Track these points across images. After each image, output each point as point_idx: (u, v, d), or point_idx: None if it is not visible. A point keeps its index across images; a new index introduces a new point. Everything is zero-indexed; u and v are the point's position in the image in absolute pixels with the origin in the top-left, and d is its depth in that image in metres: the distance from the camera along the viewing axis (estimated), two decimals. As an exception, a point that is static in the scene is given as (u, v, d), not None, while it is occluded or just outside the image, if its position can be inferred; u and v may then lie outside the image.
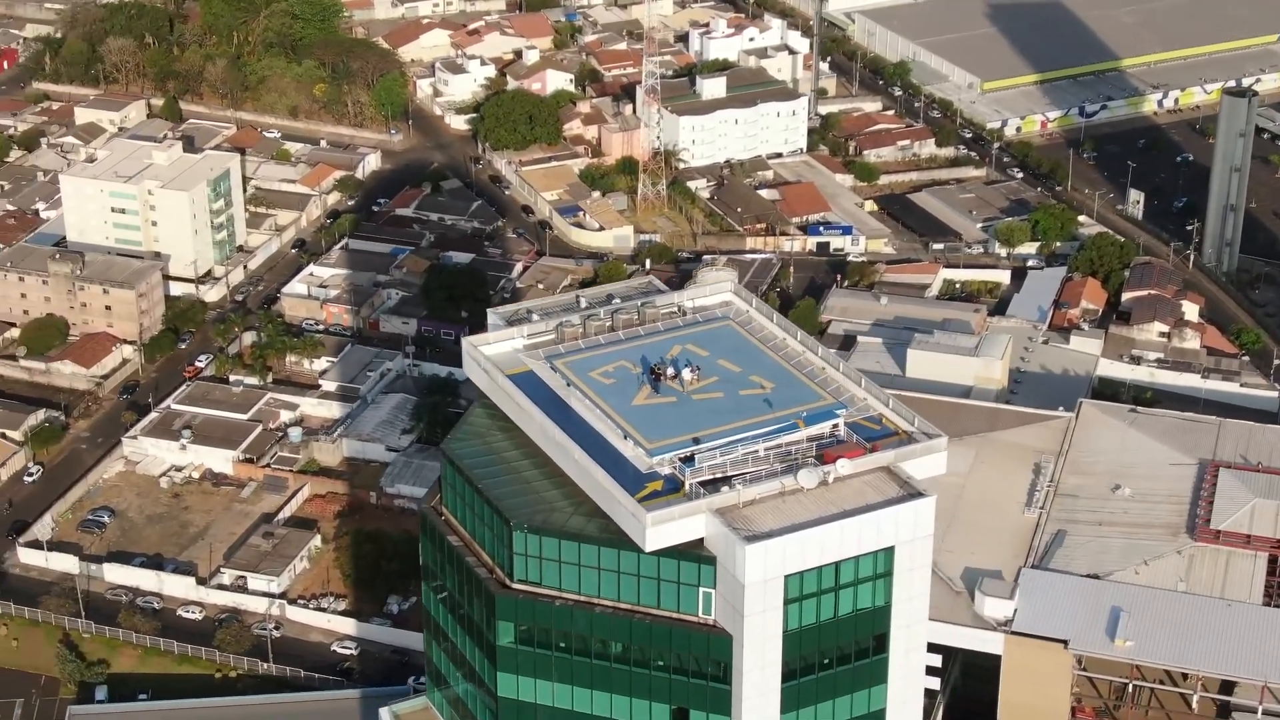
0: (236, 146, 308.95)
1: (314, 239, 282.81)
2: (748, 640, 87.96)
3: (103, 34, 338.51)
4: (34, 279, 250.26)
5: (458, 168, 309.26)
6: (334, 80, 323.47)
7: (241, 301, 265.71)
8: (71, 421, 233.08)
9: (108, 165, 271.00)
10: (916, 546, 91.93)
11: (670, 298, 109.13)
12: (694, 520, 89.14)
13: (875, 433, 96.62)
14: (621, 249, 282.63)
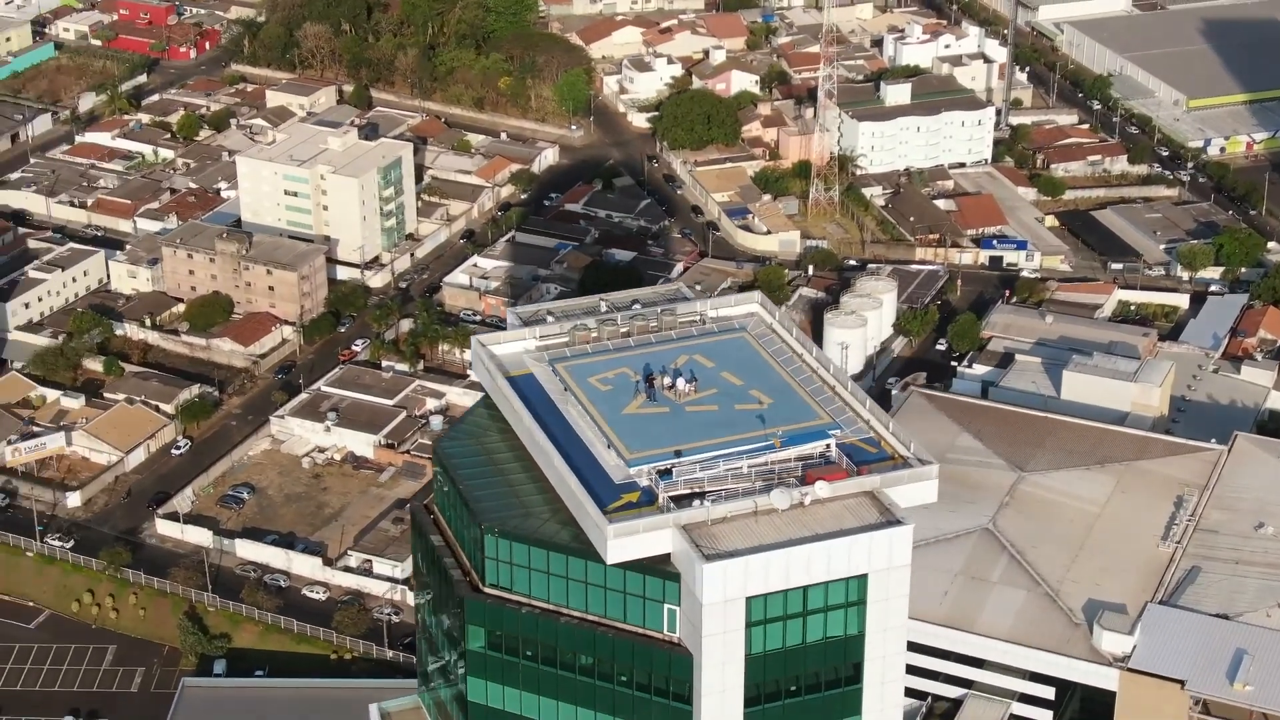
0: (419, 136, 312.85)
1: (483, 230, 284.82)
2: (706, 661, 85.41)
3: (301, 19, 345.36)
4: (202, 257, 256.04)
5: (633, 165, 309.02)
6: (518, 74, 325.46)
7: (405, 289, 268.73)
8: (225, 398, 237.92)
9: (284, 149, 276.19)
10: (892, 576, 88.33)
11: (693, 306, 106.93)
12: (659, 535, 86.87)
13: (871, 456, 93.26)
14: (786, 254, 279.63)
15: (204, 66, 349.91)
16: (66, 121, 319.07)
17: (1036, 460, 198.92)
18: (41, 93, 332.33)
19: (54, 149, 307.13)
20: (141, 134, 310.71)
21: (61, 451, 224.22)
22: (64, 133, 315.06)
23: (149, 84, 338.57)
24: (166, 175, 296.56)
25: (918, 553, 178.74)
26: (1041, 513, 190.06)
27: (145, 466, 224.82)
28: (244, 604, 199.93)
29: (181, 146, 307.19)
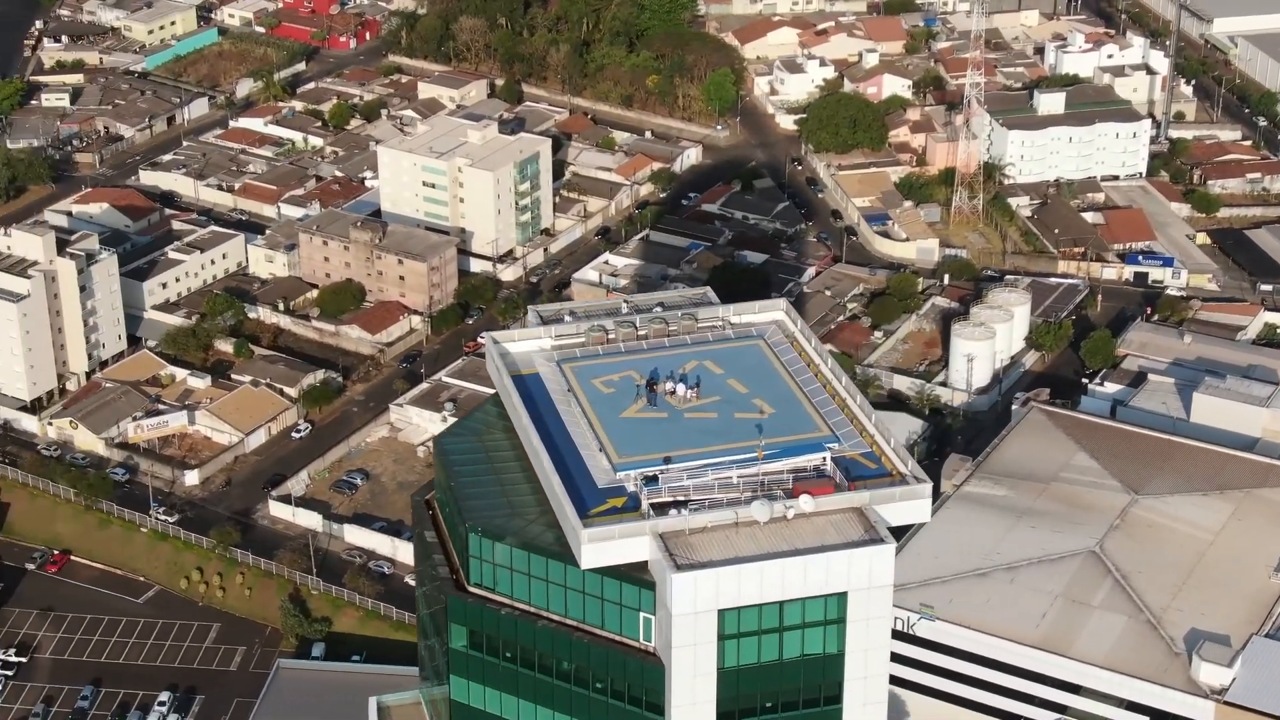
0: (564, 132, 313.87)
1: (618, 228, 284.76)
2: (676, 673, 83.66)
3: (458, 13, 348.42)
4: (337, 244, 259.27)
5: (776, 167, 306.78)
6: (666, 73, 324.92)
7: (536, 283, 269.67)
8: (349, 384, 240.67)
9: (425, 140, 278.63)
10: (874, 595, 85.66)
11: (715, 311, 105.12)
12: (635, 542, 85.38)
13: (870, 471, 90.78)
14: (924, 262, 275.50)
15: (362, 57, 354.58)
16: (222, 106, 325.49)
17: (1153, 483, 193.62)
18: (202, 77, 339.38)
19: (208, 133, 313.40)
20: (293, 121, 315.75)
21: (184, 430, 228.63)
22: (219, 117, 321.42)
23: (307, 72, 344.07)
24: (314, 163, 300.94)
25: (1019, 573, 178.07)
26: (1152, 537, 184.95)
27: (265, 448, 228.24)
28: (346, 589, 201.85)
29: (331, 135, 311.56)
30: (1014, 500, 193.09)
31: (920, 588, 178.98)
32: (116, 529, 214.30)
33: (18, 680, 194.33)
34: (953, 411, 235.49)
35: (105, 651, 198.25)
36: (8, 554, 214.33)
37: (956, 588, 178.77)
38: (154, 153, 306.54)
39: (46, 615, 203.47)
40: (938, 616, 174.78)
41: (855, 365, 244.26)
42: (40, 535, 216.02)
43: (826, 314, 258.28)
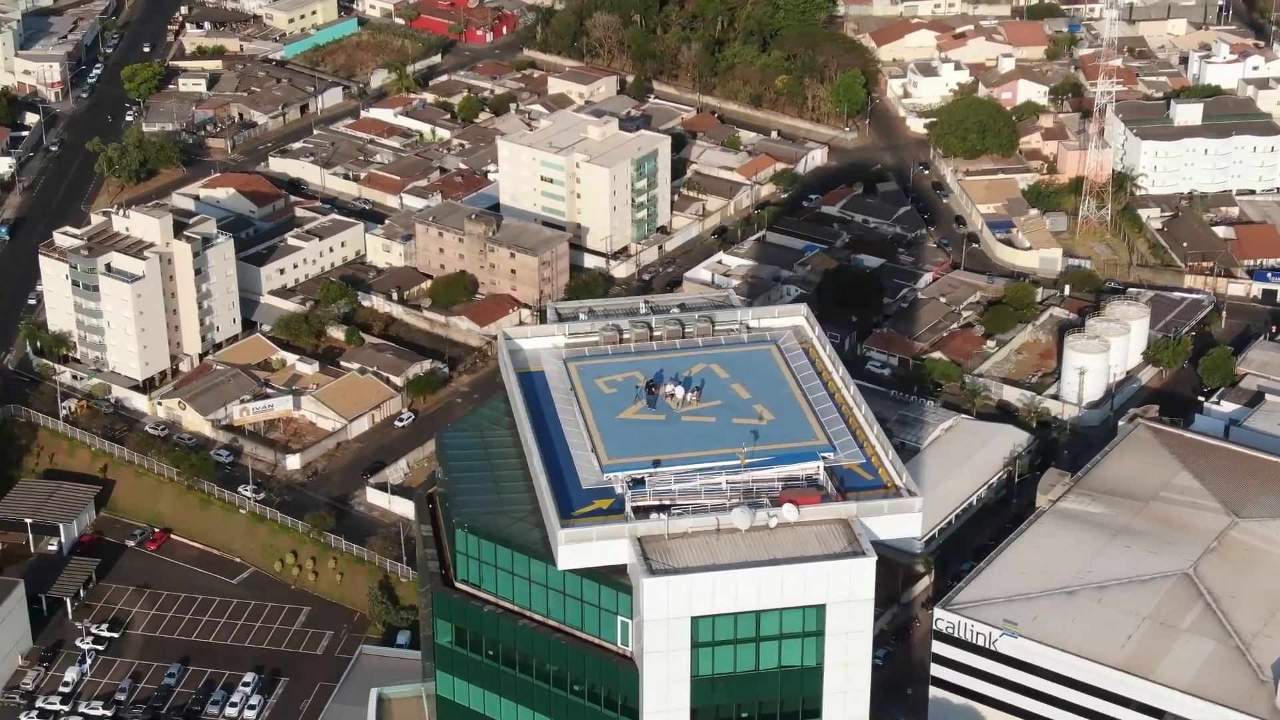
0: (690, 130, 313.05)
1: (735, 228, 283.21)
2: (648, 679, 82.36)
3: (593, 8, 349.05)
4: (451, 236, 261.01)
5: (903, 171, 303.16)
6: (796, 73, 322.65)
7: (648, 281, 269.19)
8: (455, 375, 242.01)
9: (545, 135, 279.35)
10: (854, 609, 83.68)
11: (733, 314, 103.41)
12: (613, 544, 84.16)
13: (865, 483, 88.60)
14: (1046, 271, 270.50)
15: (498, 51, 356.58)
16: (355, 96, 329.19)
17: (1256, 506, 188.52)
18: (338, 67, 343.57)
19: (338, 122, 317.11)
20: (423, 113, 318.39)
21: (289, 415, 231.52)
22: (352, 107, 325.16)
23: (441, 65, 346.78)
24: (439, 155, 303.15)
25: (1108, 592, 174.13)
26: (1248, 561, 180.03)
27: (367, 435, 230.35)
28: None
29: (459, 128, 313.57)
30: (1110, 518, 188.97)
31: (1005, 603, 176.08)
32: (216, 510, 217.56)
33: (108, 655, 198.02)
34: (1060, 425, 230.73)
35: (196, 630, 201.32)
36: (110, 530, 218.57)
37: (1042, 605, 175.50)
38: (285, 140, 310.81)
39: (142, 592, 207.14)
40: (1020, 633, 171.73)
41: (963, 374, 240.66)
42: (142, 513, 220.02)
43: (939, 321, 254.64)
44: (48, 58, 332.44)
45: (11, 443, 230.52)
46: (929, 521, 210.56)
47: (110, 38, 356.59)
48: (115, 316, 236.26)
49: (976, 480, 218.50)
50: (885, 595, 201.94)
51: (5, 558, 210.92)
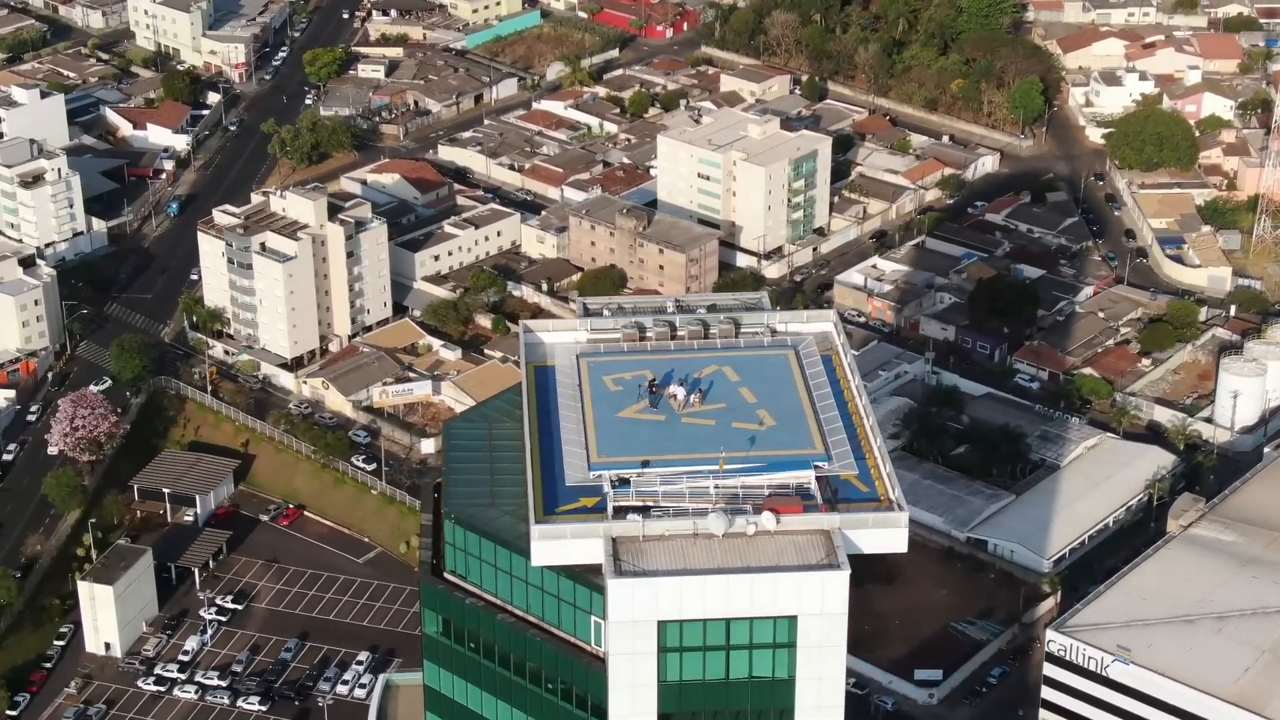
0: (859, 131, 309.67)
1: (895, 232, 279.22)
2: (614, 681, 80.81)
3: (772, 6, 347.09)
4: (603, 230, 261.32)
5: (1075, 181, 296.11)
6: (973, 77, 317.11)
7: (799, 283, 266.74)
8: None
9: (705, 132, 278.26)
10: (827, 622, 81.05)
11: (760, 317, 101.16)
12: (587, 543, 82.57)
13: (859, 494, 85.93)
14: (1214, 290, 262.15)
15: (676, 47, 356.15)
16: (530, 88, 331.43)
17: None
18: (517, 58, 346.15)
19: (510, 113, 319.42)
20: (593, 107, 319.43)
21: (428, 399, 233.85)
22: (525, 99, 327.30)
23: (618, 59, 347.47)
24: (604, 148, 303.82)
25: (1228, 623, 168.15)
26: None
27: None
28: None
29: (627, 122, 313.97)
30: (1240, 547, 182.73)
31: (1121, 629, 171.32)
32: (350, 489, 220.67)
33: (230, 626, 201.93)
34: (1209, 450, 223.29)
35: (318, 607, 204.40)
36: (247, 504, 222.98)
37: (1159, 632, 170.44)
38: (457, 129, 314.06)
39: (270, 566, 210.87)
40: (1133, 660, 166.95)
41: (1114, 392, 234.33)
42: (279, 489, 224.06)
43: (1094, 336, 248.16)
44: (234, 39, 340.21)
45: (160, 414, 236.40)
46: (1060, 541, 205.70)
47: (299, 22, 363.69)
48: (267, 295, 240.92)
49: (1114, 501, 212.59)
50: (1006, 614, 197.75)
51: (142, 526, 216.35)
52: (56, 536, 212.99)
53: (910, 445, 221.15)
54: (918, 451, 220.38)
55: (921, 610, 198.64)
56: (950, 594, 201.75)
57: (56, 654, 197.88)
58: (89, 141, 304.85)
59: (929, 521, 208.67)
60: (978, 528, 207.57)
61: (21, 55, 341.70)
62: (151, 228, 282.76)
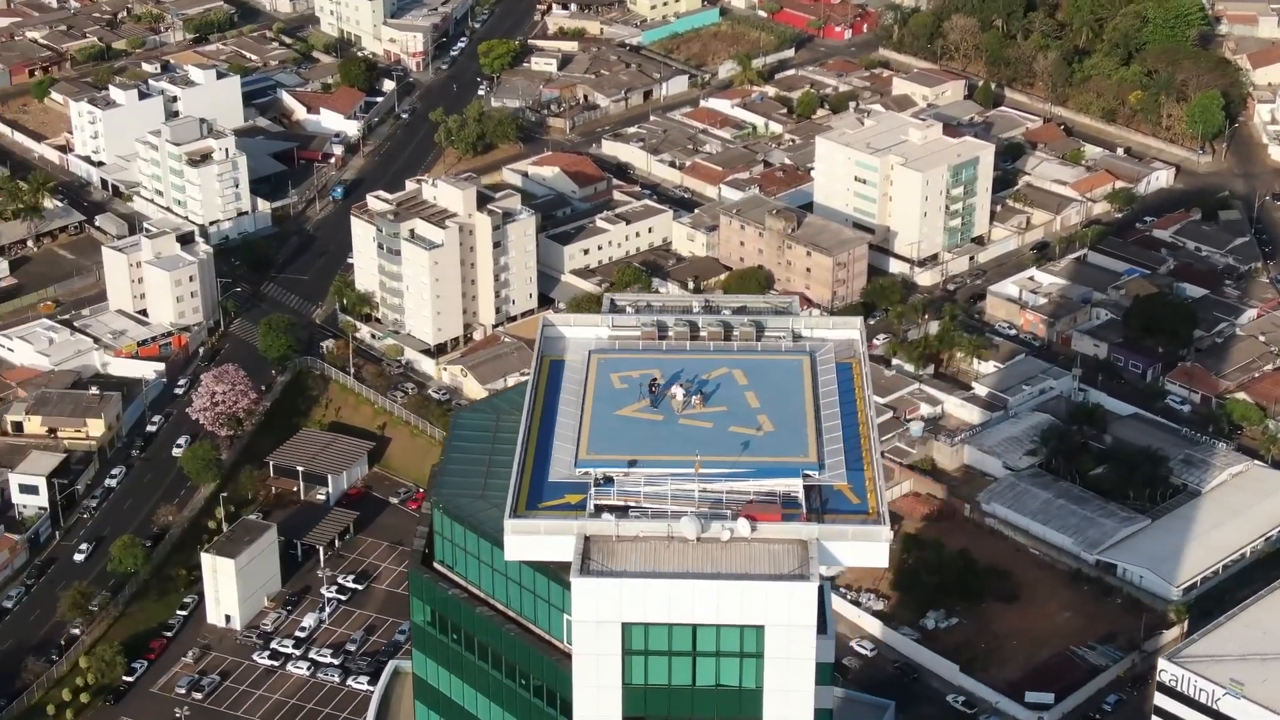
0: (1031, 140, 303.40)
1: (1057, 244, 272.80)
2: (578, 681, 79.08)
3: (953, 10, 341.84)
4: (752, 230, 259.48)
5: (1251, 200, 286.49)
6: (1152, 90, 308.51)
7: (952, 291, 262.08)
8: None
9: (865, 135, 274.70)
10: (794, 634, 78.43)
11: (785, 321, 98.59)
12: (559, 540, 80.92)
13: (850, 506, 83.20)
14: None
15: (854, 49, 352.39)
16: (700, 85, 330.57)
17: None
18: (691, 55, 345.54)
19: (677, 110, 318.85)
20: (760, 106, 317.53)
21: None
22: (693, 96, 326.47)
23: (793, 59, 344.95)
24: (767, 148, 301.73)
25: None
26: None
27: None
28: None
29: (792, 123, 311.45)
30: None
31: (1237, 662, 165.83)
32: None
33: (349, 605, 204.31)
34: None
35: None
36: (379, 486, 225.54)
37: (1276, 667, 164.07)
38: (623, 125, 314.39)
39: (394, 549, 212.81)
40: (1245, 695, 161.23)
41: (1266, 419, 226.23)
42: (411, 472, 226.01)
43: (1252, 360, 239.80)
44: (413, 28, 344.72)
45: (303, 393, 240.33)
46: (1192, 569, 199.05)
47: (481, 13, 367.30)
48: (414, 281, 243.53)
49: (1254, 531, 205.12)
50: (1128, 641, 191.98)
51: (275, 502, 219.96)
52: (190, 508, 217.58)
53: (1047, 463, 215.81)
54: (1054, 469, 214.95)
55: (1041, 632, 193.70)
56: (1073, 617, 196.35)
57: (178, 623, 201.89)
58: (263, 123, 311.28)
59: (1058, 542, 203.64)
60: (1108, 550, 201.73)
61: (208, 36, 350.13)
62: (315, 211, 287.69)
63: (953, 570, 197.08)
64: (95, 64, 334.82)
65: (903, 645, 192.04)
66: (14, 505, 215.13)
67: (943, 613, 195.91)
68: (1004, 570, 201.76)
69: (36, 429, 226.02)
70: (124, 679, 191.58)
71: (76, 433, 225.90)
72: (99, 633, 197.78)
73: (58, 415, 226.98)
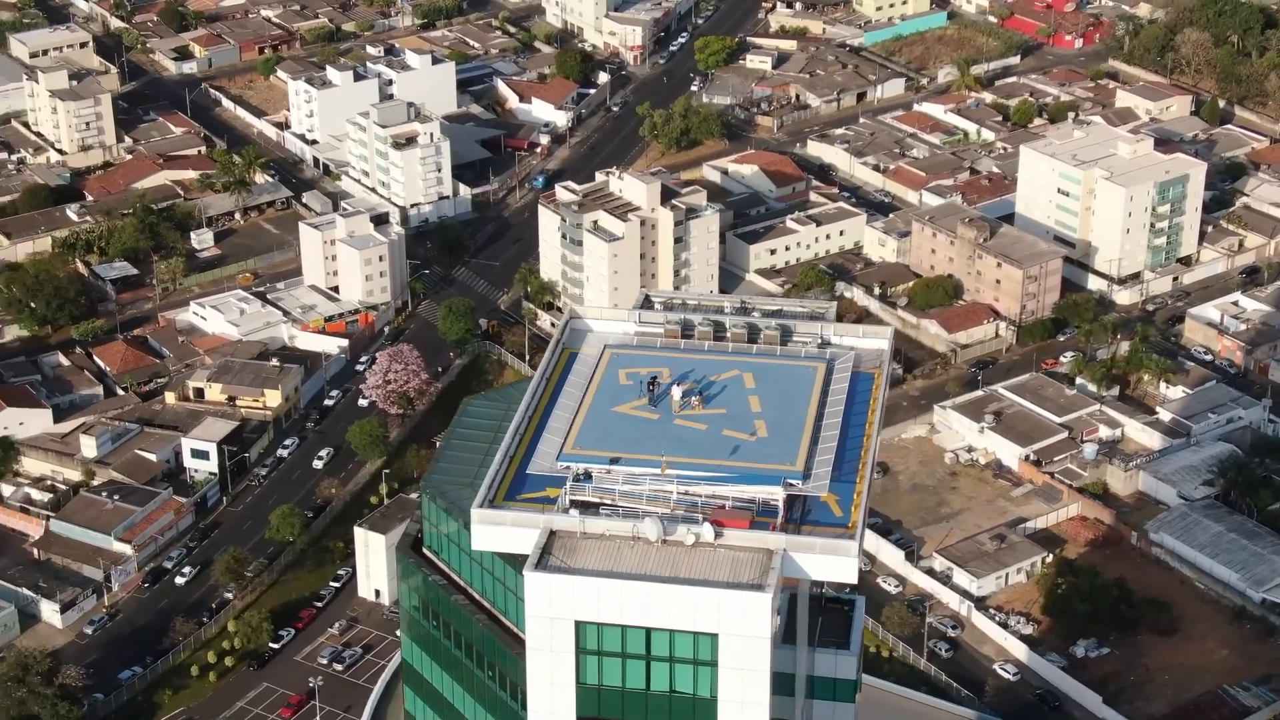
0: (1254, 161, 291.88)
1: (1268, 269, 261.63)
2: (532, 677, 76.74)
3: (1186, 24, 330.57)
4: (944, 238, 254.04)
5: None
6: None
7: (1151, 312, 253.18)
8: (907, 378, 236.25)
9: (1072, 147, 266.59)
10: (749, 644, 75.18)
11: (814, 327, 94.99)
12: (524, 532, 78.79)
13: (832, 519, 79.83)
14: None
15: (1083, 58, 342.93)
16: (915, 89, 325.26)
17: None
18: (912, 59, 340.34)
19: (889, 113, 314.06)
20: (974, 112, 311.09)
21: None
22: (907, 100, 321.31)
23: (1018, 66, 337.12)
24: (975, 155, 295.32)
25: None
26: None
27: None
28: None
29: (1006, 131, 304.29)
30: None
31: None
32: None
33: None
34: None
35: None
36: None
37: None
38: (832, 125, 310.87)
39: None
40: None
41: None
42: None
43: None
44: (634, 21, 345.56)
45: (479, 377, 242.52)
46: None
47: (705, 9, 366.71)
48: (594, 272, 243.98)
49: None
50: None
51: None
52: (354, 483, 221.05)
53: (1224, 495, 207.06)
54: (1231, 502, 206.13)
55: (1195, 668, 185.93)
56: (1231, 655, 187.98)
57: (329, 595, 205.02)
58: (475, 110, 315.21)
59: (1224, 576, 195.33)
60: (1275, 589, 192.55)
61: (435, 22, 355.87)
62: (515, 198, 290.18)
63: (1106, 599, 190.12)
64: (323, 44, 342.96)
65: (1048, 672, 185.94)
66: (185, 469, 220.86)
67: (1094, 641, 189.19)
68: (1164, 602, 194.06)
69: (217, 396, 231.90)
70: (270, 645, 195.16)
71: (254, 402, 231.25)
72: (251, 599, 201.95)
73: (238, 384, 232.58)
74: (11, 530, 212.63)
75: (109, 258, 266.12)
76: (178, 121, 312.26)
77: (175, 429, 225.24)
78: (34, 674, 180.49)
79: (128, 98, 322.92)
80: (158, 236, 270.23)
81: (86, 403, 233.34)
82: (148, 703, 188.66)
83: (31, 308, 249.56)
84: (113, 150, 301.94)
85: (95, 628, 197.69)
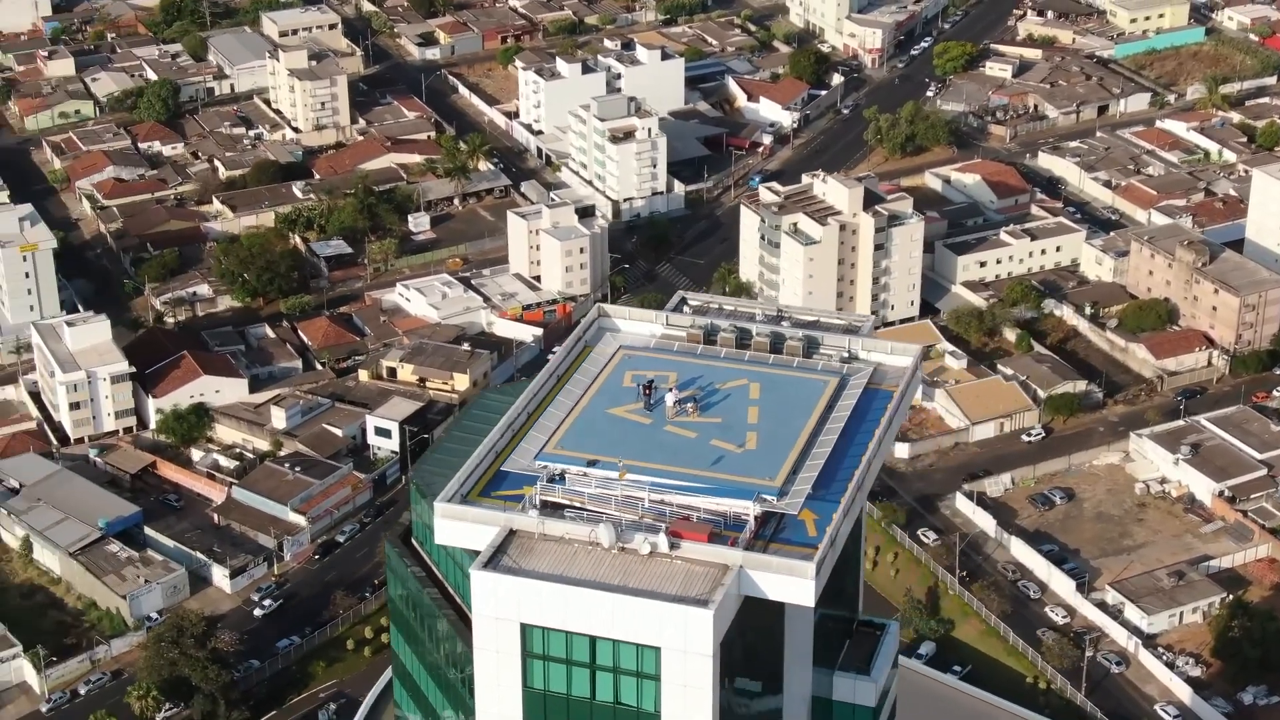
0: None
1: None
2: (480, 676, 74.07)
3: None
4: (1162, 259, 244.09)
5: None
6: None
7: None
8: (1108, 403, 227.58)
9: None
10: (690, 660, 71.24)
11: (841, 340, 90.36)
12: (484, 530, 76.19)
13: (805, 539, 75.53)
14: None
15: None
16: (1159, 105, 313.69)
17: None
18: (1163, 74, 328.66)
19: (1128, 128, 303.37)
20: (1219, 132, 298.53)
21: (918, 404, 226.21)
22: (1150, 116, 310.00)
23: (1274, 87, 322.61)
24: (1213, 177, 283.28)
25: None
26: None
27: (990, 442, 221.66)
28: (977, 598, 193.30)
29: (1249, 153, 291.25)
30: None
31: None
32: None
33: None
34: None
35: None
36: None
37: None
38: (1066, 138, 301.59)
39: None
40: None
41: None
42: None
43: None
44: (874, 24, 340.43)
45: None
46: None
47: (954, 13, 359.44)
48: (789, 275, 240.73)
49: None
50: None
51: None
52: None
53: None
54: None
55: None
56: None
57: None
58: (702, 108, 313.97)
59: None
60: None
61: (676, 19, 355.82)
62: (729, 197, 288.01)
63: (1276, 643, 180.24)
64: (564, 36, 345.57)
65: (1210, 716, 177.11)
66: (369, 446, 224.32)
67: (1264, 689, 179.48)
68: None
69: (408, 376, 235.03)
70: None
71: (443, 385, 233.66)
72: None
73: (429, 366, 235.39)
74: (197, 494, 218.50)
75: (327, 235, 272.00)
76: (411, 106, 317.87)
77: (365, 406, 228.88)
78: (188, 637, 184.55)
79: (368, 80, 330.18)
80: (376, 217, 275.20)
81: (285, 375, 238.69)
82: (301, 673, 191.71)
83: (244, 279, 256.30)
84: (346, 131, 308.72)
85: (262, 595, 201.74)
